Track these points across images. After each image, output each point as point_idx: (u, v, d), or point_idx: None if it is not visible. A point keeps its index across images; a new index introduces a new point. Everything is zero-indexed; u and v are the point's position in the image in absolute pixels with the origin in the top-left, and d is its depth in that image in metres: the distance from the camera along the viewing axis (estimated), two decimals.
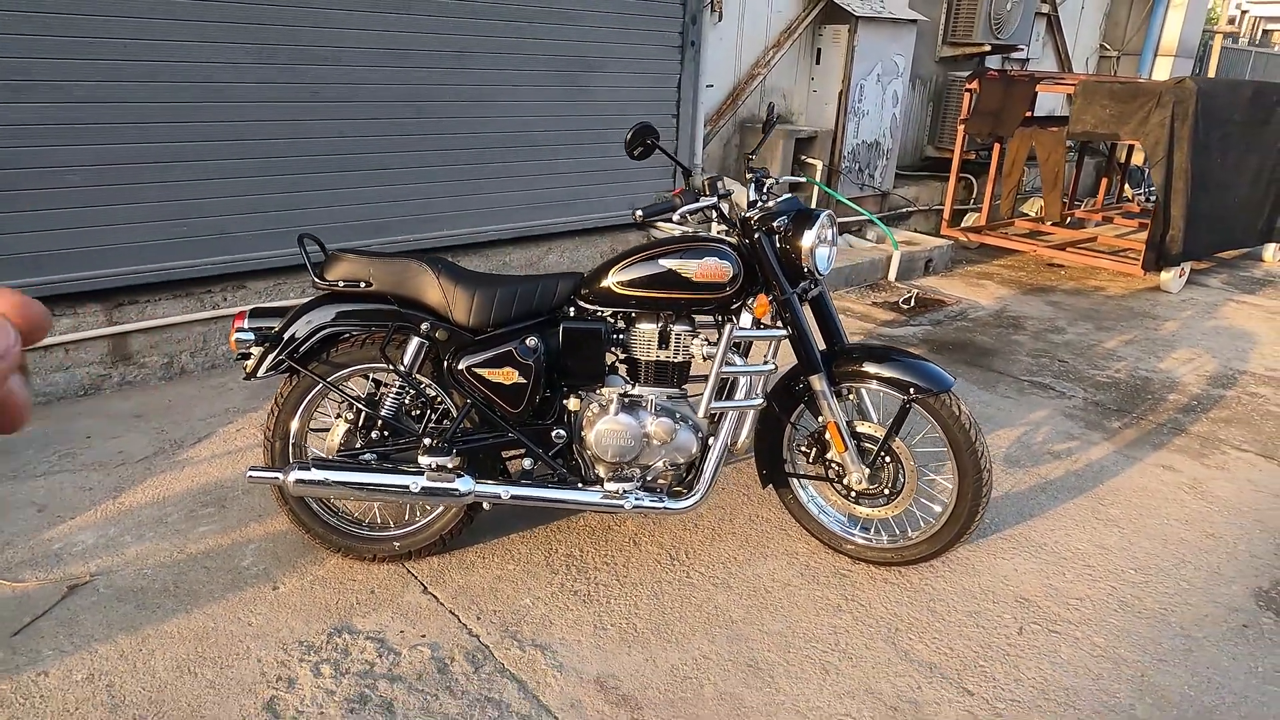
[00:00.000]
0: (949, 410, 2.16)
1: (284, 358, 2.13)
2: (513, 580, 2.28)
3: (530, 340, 2.13)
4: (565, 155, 4.53)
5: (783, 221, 2.18)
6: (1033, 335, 4.58)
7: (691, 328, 2.22)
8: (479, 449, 2.20)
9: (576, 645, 2.05)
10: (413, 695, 1.87)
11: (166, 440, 2.96)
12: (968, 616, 2.22)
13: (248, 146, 3.49)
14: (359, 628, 2.07)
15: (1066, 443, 3.27)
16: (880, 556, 2.38)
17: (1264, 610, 2.31)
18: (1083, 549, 2.55)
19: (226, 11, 3.29)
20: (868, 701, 1.92)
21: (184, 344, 3.47)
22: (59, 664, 1.91)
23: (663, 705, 1.88)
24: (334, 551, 2.30)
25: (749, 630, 2.13)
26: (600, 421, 2.18)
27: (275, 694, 1.85)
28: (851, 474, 2.29)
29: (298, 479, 2.06)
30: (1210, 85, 5.12)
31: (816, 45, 5.91)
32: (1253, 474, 3.09)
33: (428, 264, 2.17)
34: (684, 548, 2.46)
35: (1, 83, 2.91)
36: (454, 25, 3.91)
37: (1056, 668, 2.05)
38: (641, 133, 2.12)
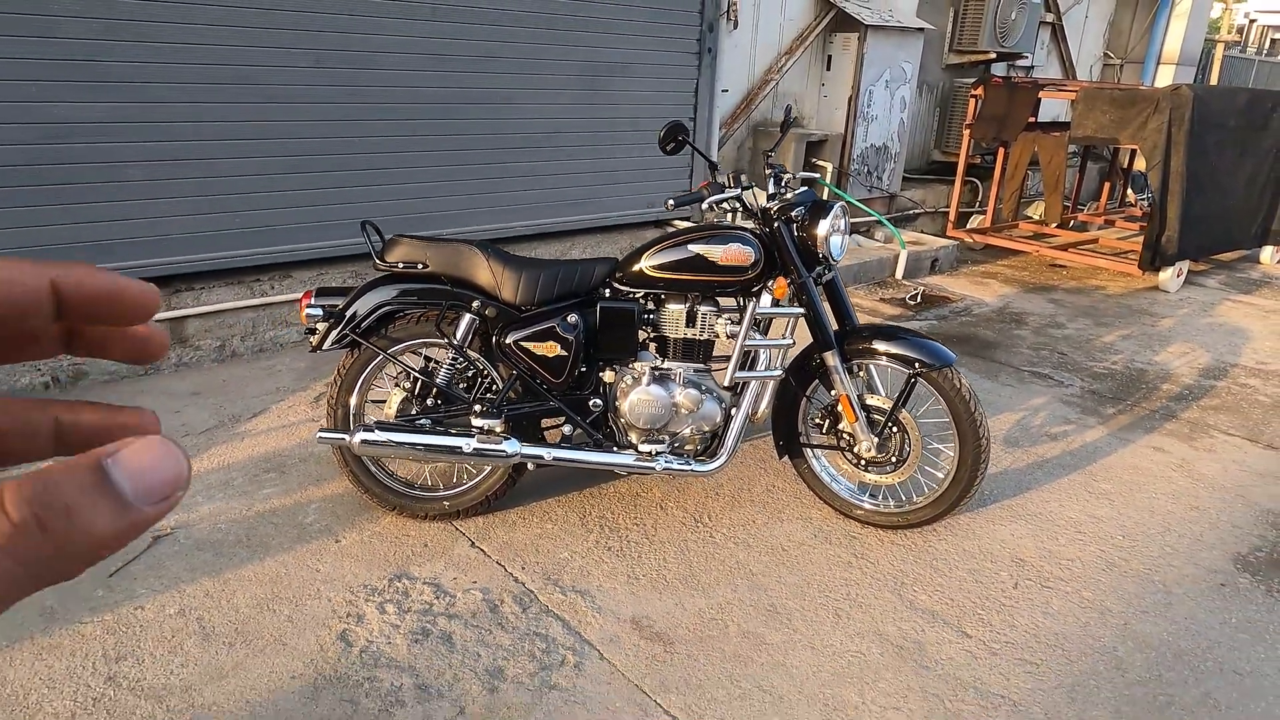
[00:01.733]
0: (950, 383, 2.37)
1: (348, 332, 2.36)
2: (552, 537, 2.50)
3: (571, 317, 2.36)
4: (587, 156, 4.77)
5: (800, 212, 2.40)
6: (1034, 330, 4.79)
7: (716, 308, 2.44)
8: (523, 415, 2.42)
9: (612, 591, 2.27)
10: (469, 630, 2.09)
11: (225, 415, 3.19)
12: (967, 573, 2.43)
13: (294, 145, 3.73)
14: (416, 575, 2.29)
15: (1063, 426, 3.48)
16: (888, 520, 2.60)
17: (1240, 572, 2.51)
18: (1075, 517, 2.76)
19: (278, 18, 3.53)
20: (876, 641, 2.13)
21: (235, 329, 3.71)
22: (152, 600, 2.13)
23: (692, 641, 2.10)
24: (389, 510, 2.53)
25: (768, 581, 2.35)
26: (633, 392, 2.40)
27: (347, 627, 2.08)
28: (861, 443, 2.51)
29: (363, 439, 2.28)
30: (1206, 92, 5.32)
31: (827, 52, 6.14)
32: (1238, 455, 3.30)
33: (478, 248, 2.40)
34: (707, 512, 2.68)
35: (76, 84, 3.16)
36: (484, 32, 4.15)
37: (1048, 616, 2.26)
38: (674, 130, 2.34)
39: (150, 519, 0.22)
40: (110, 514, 0.21)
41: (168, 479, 0.22)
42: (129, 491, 0.22)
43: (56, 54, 3.10)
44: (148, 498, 0.22)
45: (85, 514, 0.21)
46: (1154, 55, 8.71)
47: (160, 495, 0.22)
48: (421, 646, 2.03)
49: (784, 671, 2.01)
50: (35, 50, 3.05)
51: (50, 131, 3.15)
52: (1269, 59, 14.81)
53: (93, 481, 0.21)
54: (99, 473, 0.21)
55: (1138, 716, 1.92)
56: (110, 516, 0.21)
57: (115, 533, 0.22)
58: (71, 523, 0.21)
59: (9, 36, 3.00)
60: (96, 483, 0.21)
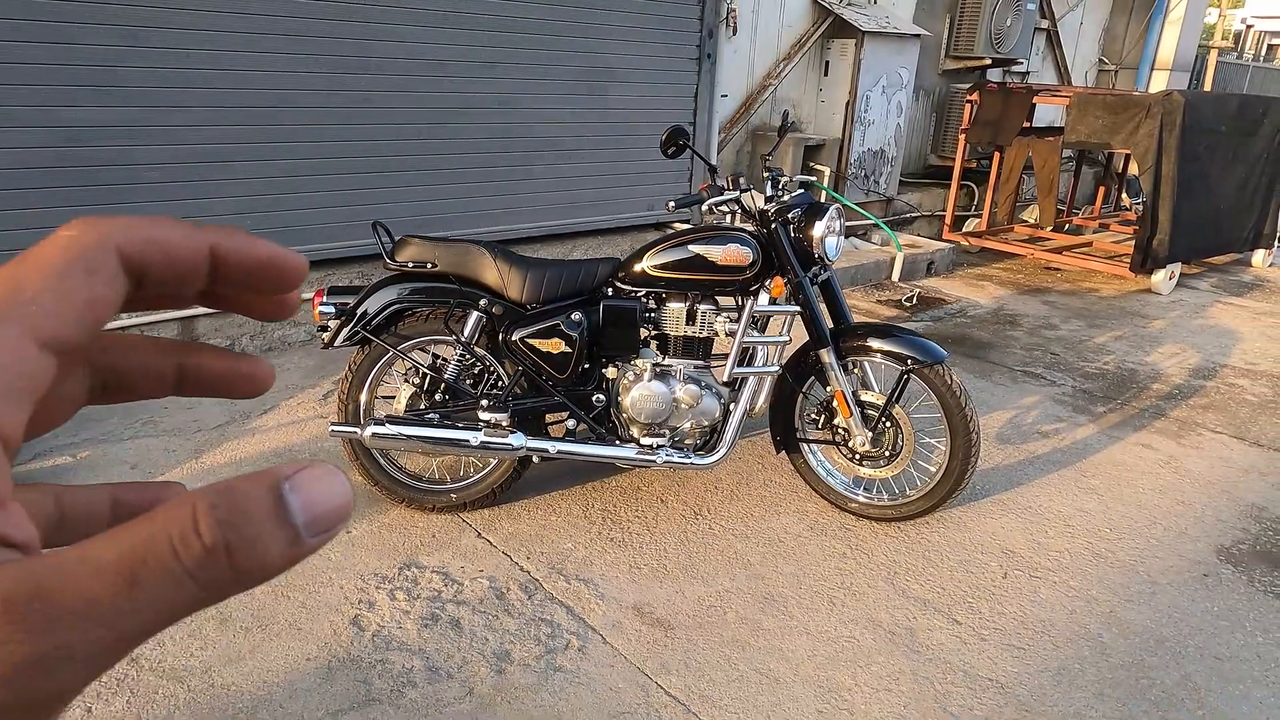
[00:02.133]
0: (942, 379, 2.46)
1: (358, 329, 2.44)
2: (556, 529, 2.58)
3: (575, 315, 2.44)
4: (589, 160, 4.85)
5: (796, 214, 2.48)
6: (1028, 331, 4.87)
7: (715, 307, 2.52)
8: (529, 410, 2.50)
9: (615, 580, 2.35)
10: (477, 615, 2.17)
11: (236, 411, 3.27)
12: (958, 564, 2.51)
13: (306, 149, 3.82)
14: (425, 564, 2.37)
15: (1054, 424, 3.56)
16: (881, 513, 2.68)
17: (1223, 563, 2.59)
18: (1064, 511, 2.84)
19: (291, 26, 3.62)
20: (869, 627, 2.21)
21: (245, 328, 3.79)
22: None
23: (692, 627, 2.18)
24: (398, 502, 2.60)
25: (765, 571, 2.43)
26: (635, 388, 2.49)
27: (359, 613, 2.16)
28: (856, 438, 2.59)
29: (374, 433, 2.36)
30: (1196, 98, 5.42)
31: (825, 58, 6.24)
32: (1225, 452, 3.38)
33: (485, 248, 2.48)
34: (706, 505, 2.76)
35: (94, 88, 3.24)
36: (489, 39, 4.23)
37: (1035, 604, 2.34)
38: (675, 134, 2.43)
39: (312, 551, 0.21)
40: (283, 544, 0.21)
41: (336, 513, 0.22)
42: (302, 524, 0.21)
43: (75, 60, 3.18)
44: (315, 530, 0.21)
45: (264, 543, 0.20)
46: (1148, 61, 8.81)
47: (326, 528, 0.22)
48: (431, 631, 2.11)
49: (780, 655, 2.09)
50: (55, 56, 3.14)
51: (69, 135, 3.24)
52: (1264, 65, 14.93)
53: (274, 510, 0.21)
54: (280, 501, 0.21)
55: (1119, 698, 2.00)
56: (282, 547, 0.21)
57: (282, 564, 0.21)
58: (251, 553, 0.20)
59: (30, 43, 3.08)
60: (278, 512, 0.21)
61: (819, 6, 6.05)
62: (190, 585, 0.20)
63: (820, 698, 1.96)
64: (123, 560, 0.20)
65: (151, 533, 0.20)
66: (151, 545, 0.20)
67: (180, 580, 0.20)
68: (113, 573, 0.19)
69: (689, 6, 4.99)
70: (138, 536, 0.20)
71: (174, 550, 0.20)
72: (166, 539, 0.20)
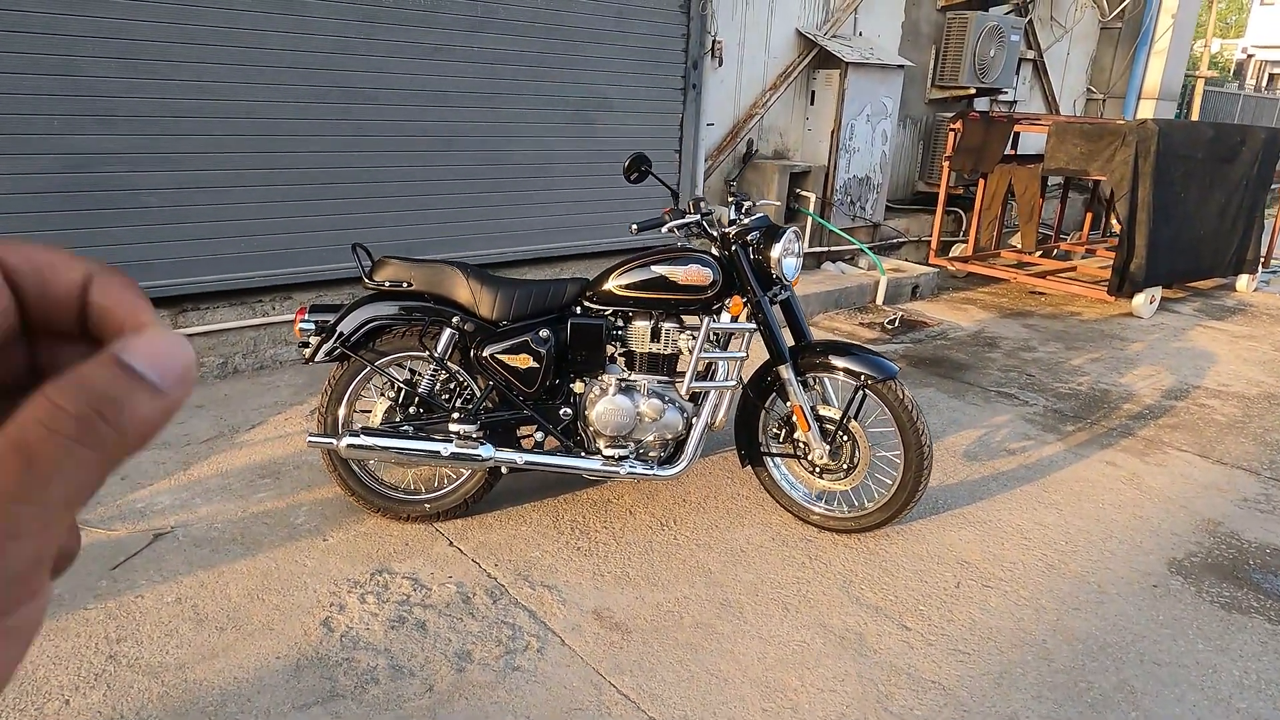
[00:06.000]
0: (894, 394, 2.56)
1: (337, 346, 2.56)
2: (525, 539, 2.68)
3: (543, 332, 2.56)
4: (576, 186, 5.01)
5: (755, 236, 2.61)
6: (1006, 353, 4.97)
7: (679, 325, 2.64)
8: (499, 423, 2.61)
9: (578, 586, 2.44)
10: (442, 618, 2.26)
11: (225, 426, 3.39)
12: (913, 573, 2.59)
13: (298, 175, 3.98)
14: (396, 570, 2.47)
15: (1022, 442, 3.65)
16: (841, 525, 2.76)
17: (1173, 575, 2.67)
18: (1022, 525, 2.92)
19: (283, 58, 3.80)
20: (820, 632, 2.29)
21: (237, 346, 3.92)
22: (151, 590, 2.31)
23: (648, 630, 2.26)
24: (374, 511, 2.71)
25: (724, 579, 2.51)
26: (601, 402, 2.60)
27: (329, 615, 2.25)
28: (815, 450, 2.69)
29: (350, 443, 2.48)
30: (1170, 126, 5.55)
31: (810, 88, 6.41)
32: (1188, 470, 3.45)
33: (458, 268, 2.61)
34: (673, 517, 2.85)
35: (96, 117, 3.41)
36: (481, 69, 4.41)
37: (985, 612, 2.42)
38: (636, 161, 2.57)
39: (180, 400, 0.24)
40: (149, 399, 0.23)
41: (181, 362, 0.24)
42: (155, 378, 0.24)
43: (78, 90, 3.36)
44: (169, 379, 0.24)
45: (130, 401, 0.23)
46: (1135, 90, 8.97)
47: (179, 377, 0.24)
48: (397, 632, 2.20)
49: (731, 658, 2.17)
50: (59, 87, 3.31)
51: (72, 161, 3.40)
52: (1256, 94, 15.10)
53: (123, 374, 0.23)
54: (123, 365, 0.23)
55: (1056, 700, 2.08)
56: (150, 401, 0.23)
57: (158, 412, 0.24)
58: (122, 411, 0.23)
59: (35, 74, 3.26)
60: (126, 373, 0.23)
61: (804, 38, 6.24)
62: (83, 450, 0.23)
63: (766, 697, 2.04)
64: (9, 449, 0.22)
65: (21, 422, 0.22)
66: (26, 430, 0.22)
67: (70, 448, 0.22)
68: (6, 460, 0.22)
69: (674, 39, 5.18)
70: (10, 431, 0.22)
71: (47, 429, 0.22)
72: (36, 422, 0.22)
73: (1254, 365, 4.93)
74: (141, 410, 0.24)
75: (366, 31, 4.00)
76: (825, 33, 6.32)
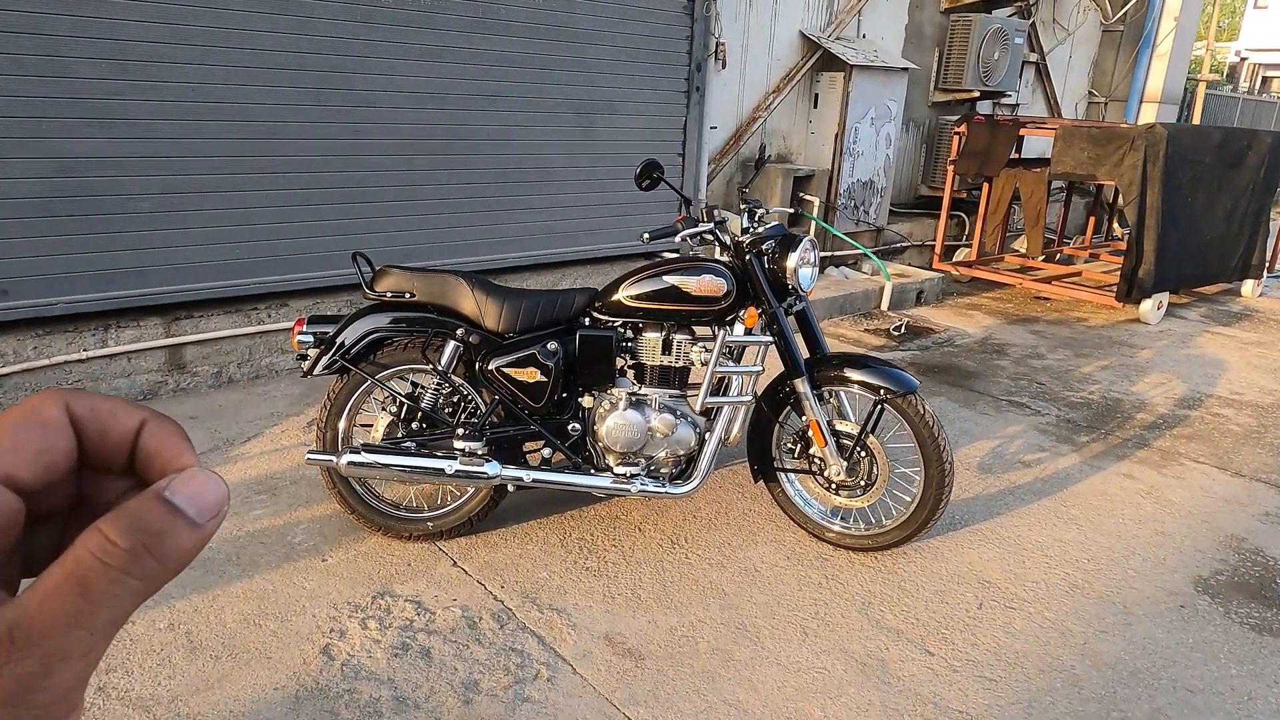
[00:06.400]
0: (914, 409, 2.47)
1: (337, 358, 2.47)
2: (532, 558, 2.58)
3: (551, 344, 2.47)
4: (580, 190, 4.92)
5: (770, 245, 2.52)
6: (1014, 360, 4.89)
7: (691, 337, 2.55)
8: (505, 439, 2.52)
9: (588, 609, 2.35)
10: (447, 645, 2.17)
11: (220, 439, 3.29)
12: (934, 594, 2.51)
13: (295, 179, 3.88)
14: (399, 592, 2.38)
15: (1036, 454, 3.57)
16: (857, 543, 2.68)
17: (1200, 594, 2.59)
18: (1042, 541, 2.84)
19: (279, 59, 3.70)
20: (841, 658, 2.21)
21: (232, 355, 3.82)
22: (143, 615, 2.21)
23: (662, 657, 2.17)
24: (375, 531, 2.61)
25: (739, 601, 2.43)
26: (611, 417, 2.50)
27: (330, 642, 2.16)
28: (831, 467, 2.60)
29: (350, 461, 2.38)
30: (1179, 130, 5.49)
31: (814, 90, 6.34)
32: (1207, 483, 3.38)
33: (463, 278, 2.51)
34: (684, 534, 2.76)
35: (87, 121, 3.31)
36: (482, 72, 4.32)
37: (1010, 636, 2.34)
38: (649, 167, 2.48)
39: (212, 531, 0.28)
40: (187, 531, 0.27)
41: (216, 498, 0.29)
42: (194, 513, 0.28)
43: (69, 93, 3.25)
44: (205, 514, 0.28)
45: (171, 535, 0.27)
46: (1137, 93, 8.93)
47: (214, 512, 0.28)
48: (401, 660, 2.10)
49: (750, 687, 2.08)
50: (49, 89, 3.21)
51: (63, 166, 3.29)
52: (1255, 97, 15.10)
53: (166, 509, 0.27)
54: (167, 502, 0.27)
55: None
56: (188, 533, 0.27)
57: (195, 544, 0.28)
58: (164, 543, 0.27)
59: (26, 76, 3.15)
60: (169, 510, 0.27)
61: (807, 40, 6.16)
62: (129, 580, 0.26)
63: None
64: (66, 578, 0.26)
65: (77, 554, 0.26)
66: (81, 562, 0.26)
67: (118, 578, 0.26)
68: (63, 589, 0.26)
69: (678, 41, 5.09)
70: (68, 561, 0.26)
71: (100, 560, 0.26)
72: (90, 555, 0.26)
73: (1265, 373, 4.86)
74: (181, 542, 0.27)
75: (364, 32, 3.90)
76: (829, 35, 6.25)
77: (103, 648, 0.27)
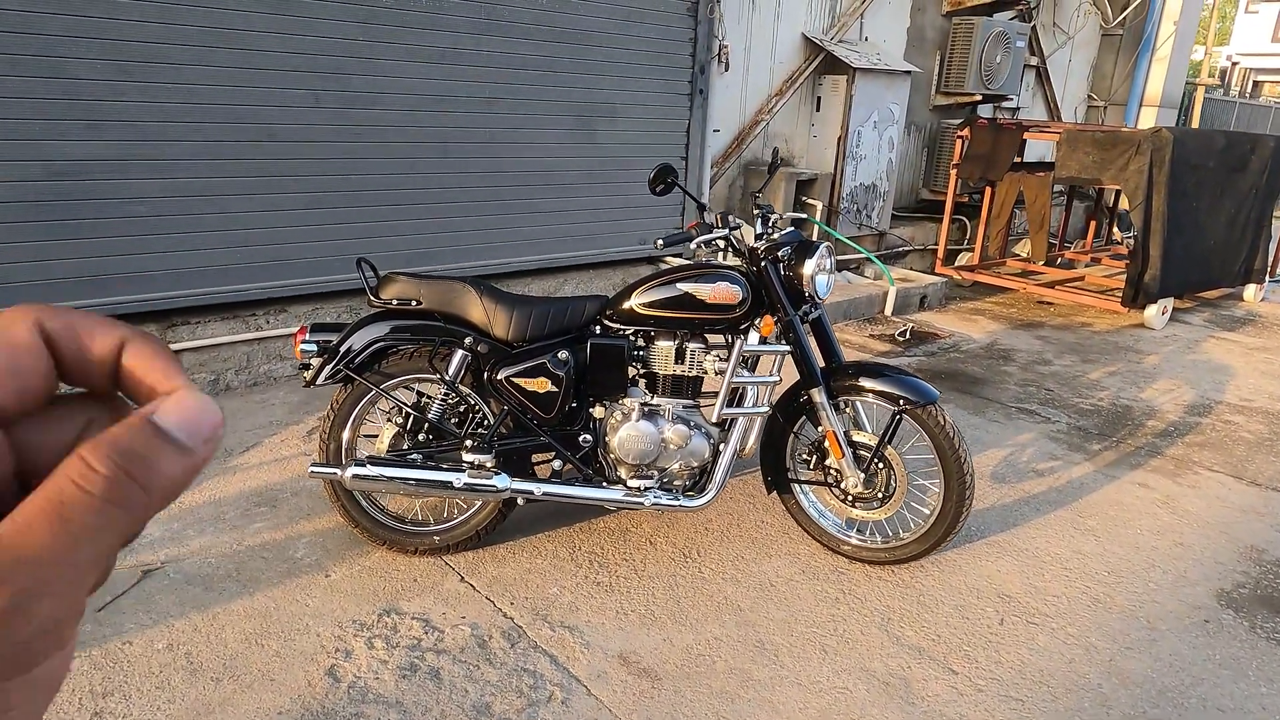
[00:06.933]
0: (935, 420, 2.41)
1: (341, 367, 2.39)
2: (541, 573, 2.51)
3: (562, 354, 2.40)
4: (583, 194, 4.85)
5: (786, 251, 2.46)
6: (1021, 366, 4.85)
7: (704, 345, 2.48)
8: (514, 451, 2.45)
9: (601, 627, 2.28)
10: (457, 665, 2.09)
11: (218, 449, 3.20)
12: (954, 609, 2.45)
13: (294, 182, 3.80)
14: (405, 609, 2.30)
15: (1049, 462, 3.52)
16: (874, 556, 2.62)
17: (1224, 608, 2.54)
18: (1061, 554, 2.78)
19: (283, 60, 3.63)
20: (862, 677, 2.14)
21: (230, 362, 3.74)
22: (140, 635, 2.14)
23: (679, 677, 2.11)
24: (379, 545, 2.54)
25: (755, 617, 2.36)
26: (623, 428, 2.44)
27: (335, 663, 2.08)
28: (848, 479, 2.54)
29: (355, 474, 2.31)
30: (1184, 134, 5.46)
31: (817, 94, 6.29)
32: (1222, 492, 3.33)
33: (471, 285, 2.45)
34: (696, 547, 2.70)
35: (81, 122, 3.23)
36: (483, 74, 4.25)
37: (1033, 653, 2.28)
38: (663, 172, 2.41)
39: (207, 458, 0.26)
40: (176, 457, 0.25)
41: (211, 423, 0.26)
42: (184, 438, 0.26)
43: (62, 94, 3.17)
44: (197, 438, 0.26)
45: (158, 460, 0.25)
46: (1136, 97, 8.92)
47: (207, 436, 0.26)
48: (409, 682, 2.03)
49: (770, 708, 2.02)
50: (42, 90, 3.13)
51: (55, 169, 3.21)
52: (1250, 101, 15.15)
53: (153, 433, 0.25)
54: (154, 426, 0.25)
55: None
56: (177, 459, 0.25)
57: (185, 471, 0.26)
58: (150, 469, 0.25)
59: (17, 77, 3.07)
60: (156, 434, 0.25)
61: (810, 43, 6.12)
62: (112, 509, 0.24)
63: None
64: (45, 507, 0.24)
65: (57, 482, 0.24)
66: (61, 490, 0.24)
67: (101, 506, 0.24)
68: (41, 518, 0.24)
69: (681, 43, 5.03)
70: (47, 489, 0.24)
71: (79, 487, 0.24)
72: (69, 482, 0.24)
73: (1273, 379, 4.83)
74: (169, 469, 0.25)
75: (365, 34, 3.83)
76: (831, 37, 6.21)
77: (88, 584, 0.25)
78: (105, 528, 0.24)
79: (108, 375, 0.28)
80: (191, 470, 0.26)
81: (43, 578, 0.23)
